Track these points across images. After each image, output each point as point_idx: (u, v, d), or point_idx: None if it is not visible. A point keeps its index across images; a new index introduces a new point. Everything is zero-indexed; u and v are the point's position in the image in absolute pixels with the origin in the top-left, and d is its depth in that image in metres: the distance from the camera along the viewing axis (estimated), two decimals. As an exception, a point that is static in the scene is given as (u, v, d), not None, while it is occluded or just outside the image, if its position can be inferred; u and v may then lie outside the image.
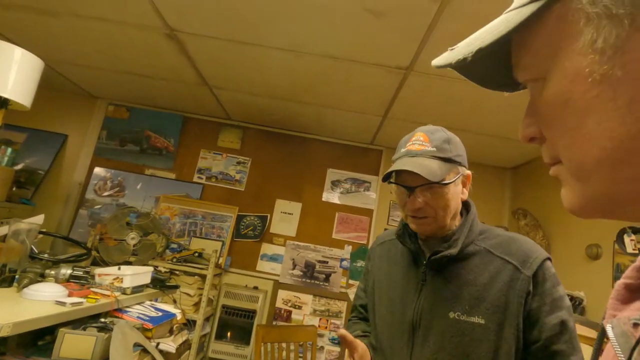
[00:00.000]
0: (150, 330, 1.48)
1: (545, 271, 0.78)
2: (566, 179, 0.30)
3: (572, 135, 0.27)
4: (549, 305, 0.75)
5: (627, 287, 0.31)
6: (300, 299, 2.86)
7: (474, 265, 0.81)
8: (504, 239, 0.83)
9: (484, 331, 0.76)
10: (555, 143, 0.29)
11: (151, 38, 1.97)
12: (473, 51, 0.29)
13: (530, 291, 0.75)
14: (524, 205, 2.62)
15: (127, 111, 3.12)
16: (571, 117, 0.26)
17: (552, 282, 0.77)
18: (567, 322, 0.74)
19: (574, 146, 0.27)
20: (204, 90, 2.60)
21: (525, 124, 0.32)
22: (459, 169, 0.82)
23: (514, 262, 0.78)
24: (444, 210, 0.81)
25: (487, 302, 0.77)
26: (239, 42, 1.87)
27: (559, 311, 0.75)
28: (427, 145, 0.81)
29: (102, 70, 2.54)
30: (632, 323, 0.28)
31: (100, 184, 2.97)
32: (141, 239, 2.14)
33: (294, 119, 2.86)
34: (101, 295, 1.44)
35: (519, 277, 0.77)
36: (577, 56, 0.25)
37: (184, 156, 3.07)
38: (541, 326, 0.74)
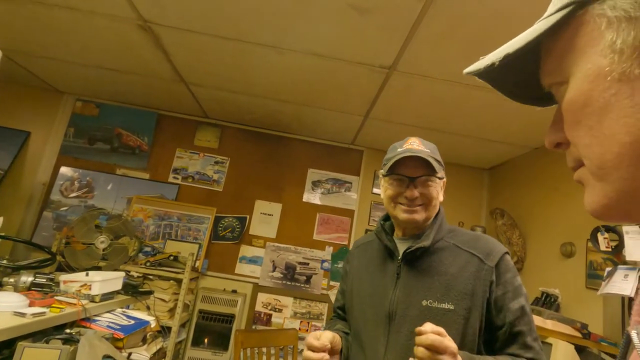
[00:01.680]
0: (121, 340, 1.38)
1: (506, 263, 0.91)
2: (588, 180, 0.30)
3: (592, 134, 0.27)
4: (511, 292, 0.87)
5: None
6: (280, 301, 2.80)
7: (444, 257, 0.92)
8: (470, 237, 0.96)
9: (453, 315, 0.86)
10: (577, 144, 0.30)
11: (123, 30, 1.86)
12: (501, 57, 0.31)
13: (494, 280, 0.87)
14: (501, 205, 2.68)
15: (97, 107, 2.95)
16: (591, 116, 0.27)
17: (512, 273, 0.90)
18: (525, 307, 0.87)
19: (594, 144, 0.28)
20: (180, 87, 2.49)
21: (551, 131, 0.34)
22: (443, 174, 0.98)
23: (478, 255, 0.90)
24: (435, 202, 0.95)
25: (455, 289, 0.87)
26: (218, 36, 1.80)
27: (519, 297, 0.87)
28: (423, 147, 0.95)
29: (69, 64, 2.39)
30: None
31: (66, 184, 2.80)
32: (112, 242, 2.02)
33: (274, 117, 2.80)
34: (67, 304, 1.33)
35: (484, 267, 0.88)
36: (597, 57, 0.27)
37: (158, 155, 2.95)
38: (506, 311, 0.86)
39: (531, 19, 0.33)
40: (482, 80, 0.38)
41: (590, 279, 1.87)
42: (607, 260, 1.73)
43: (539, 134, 2.30)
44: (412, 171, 0.92)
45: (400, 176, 0.93)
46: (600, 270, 1.78)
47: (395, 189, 0.94)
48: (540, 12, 0.32)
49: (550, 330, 1.59)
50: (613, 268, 1.55)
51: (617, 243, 1.59)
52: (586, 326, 1.64)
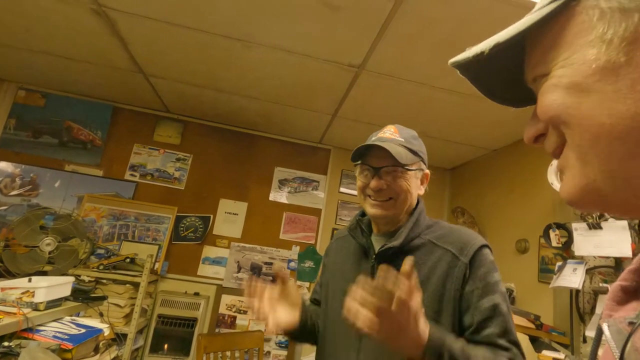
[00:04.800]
0: (69, 351, 1.27)
1: (481, 257, 0.81)
2: (567, 162, 0.30)
3: (574, 114, 0.28)
4: (481, 289, 0.78)
5: (623, 289, 0.33)
6: (245, 303, 2.72)
7: (418, 257, 0.84)
8: (447, 231, 0.88)
9: None
10: (559, 128, 0.30)
11: (74, 13, 1.71)
12: (491, 45, 0.32)
13: (467, 277, 0.79)
14: (462, 204, 2.79)
15: (43, 97, 2.70)
16: (573, 97, 0.28)
17: (487, 268, 0.80)
18: (499, 305, 0.76)
19: (574, 123, 0.28)
20: (139, 78, 2.34)
21: (531, 124, 0.34)
22: (420, 164, 0.90)
23: (452, 250, 0.82)
24: (404, 195, 0.87)
25: (427, 291, 0.79)
26: (181, 25, 1.70)
27: (492, 295, 0.77)
28: (396, 135, 0.89)
29: (11, 48, 2.16)
30: (627, 322, 0.29)
31: (6, 181, 2.54)
32: (59, 244, 1.85)
33: (240, 114, 2.72)
34: (5, 313, 1.20)
35: (457, 264, 0.80)
36: (585, 48, 0.27)
37: (113, 151, 2.75)
38: (474, 310, 0.77)
39: (495, 27, 0.34)
40: (463, 75, 0.37)
41: (542, 273, 1.99)
42: (558, 256, 1.85)
43: (497, 137, 2.41)
44: (377, 161, 0.86)
45: (367, 166, 0.88)
46: (552, 264, 1.90)
47: (362, 179, 0.90)
48: (503, 20, 0.34)
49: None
50: (563, 263, 1.66)
51: (567, 239, 1.71)
52: (539, 317, 1.75)
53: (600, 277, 1.58)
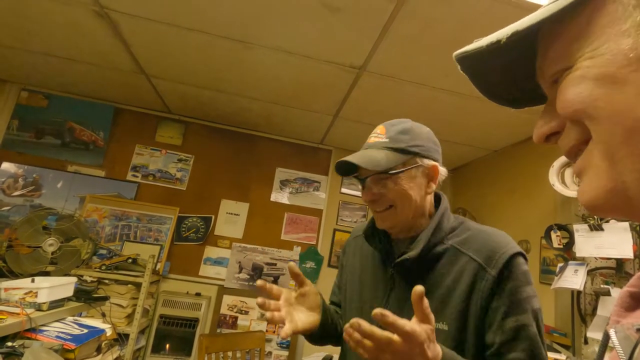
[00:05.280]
0: (72, 352, 1.28)
1: (513, 269, 0.70)
2: (591, 162, 0.28)
3: (603, 107, 0.26)
4: (507, 306, 0.68)
5: (632, 296, 0.32)
6: (246, 303, 2.73)
7: (441, 266, 0.76)
8: (473, 233, 0.77)
9: (447, 337, 0.70)
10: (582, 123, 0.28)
11: (77, 15, 1.72)
12: (509, 33, 0.29)
13: (494, 291, 0.69)
14: (462, 205, 2.78)
15: (46, 99, 2.72)
16: (603, 89, 0.26)
17: (518, 282, 0.69)
18: (527, 327, 0.67)
19: (603, 117, 0.26)
20: (141, 79, 2.35)
21: (544, 121, 0.32)
22: (416, 160, 0.78)
23: (478, 259, 0.72)
24: (402, 201, 0.77)
25: (450, 306, 0.72)
26: (183, 27, 1.71)
27: (520, 314, 0.67)
28: (382, 137, 0.80)
29: (13, 50, 2.17)
30: (635, 328, 0.28)
31: (9, 181, 2.55)
32: (62, 245, 1.86)
33: (241, 114, 2.72)
34: (8, 314, 1.21)
35: (484, 276, 0.71)
36: (620, 37, 0.25)
37: (115, 152, 2.77)
38: (496, 329, 0.68)
39: (495, 28, 0.32)
40: (464, 71, 0.35)
41: (543, 274, 1.99)
42: (559, 257, 1.85)
43: (498, 138, 2.41)
44: (362, 171, 0.80)
45: (356, 178, 0.82)
46: (553, 266, 1.90)
47: (361, 192, 0.83)
48: (503, 21, 0.34)
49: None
50: (564, 264, 1.65)
51: (568, 240, 1.71)
52: (540, 319, 1.74)
53: (601, 278, 1.58)
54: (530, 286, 0.71)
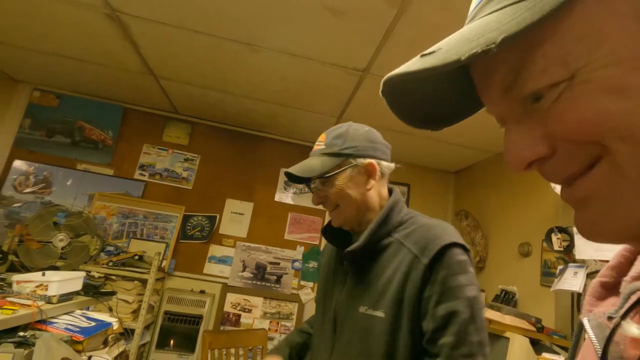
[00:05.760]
0: (81, 343, 1.32)
1: (444, 258, 0.73)
2: (609, 188, 0.24)
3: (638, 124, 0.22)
4: (439, 294, 0.71)
5: (603, 285, 0.33)
6: (250, 302, 2.77)
7: (385, 258, 0.80)
8: (417, 227, 0.81)
9: (383, 325, 0.75)
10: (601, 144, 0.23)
11: (88, 17, 1.77)
12: (497, 41, 0.22)
13: (426, 280, 0.73)
14: (465, 207, 2.80)
15: (57, 98, 2.78)
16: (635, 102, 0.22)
17: (450, 270, 0.72)
18: (458, 313, 0.69)
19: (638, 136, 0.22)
20: (149, 80, 2.41)
21: (523, 145, 0.27)
22: (350, 161, 0.85)
23: (415, 250, 0.76)
24: (343, 200, 0.85)
25: (388, 294, 0.76)
26: (191, 30, 1.76)
27: (451, 301, 0.70)
28: (321, 144, 0.88)
29: (27, 51, 2.24)
30: (606, 317, 0.29)
31: (20, 179, 2.62)
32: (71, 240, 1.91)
33: (247, 115, 2.77)
34: (20, 305, 1.25)
35: (417, 266, 0.74)
36: (637, 38, 0.21)
37: (123, 151, 2.82)
38: (430, 317, 0.72)
39: None
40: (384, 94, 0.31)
41: (544, 277, 2.00)
42: (560, 259, 1.86)
43: (500, 140, 2.41)
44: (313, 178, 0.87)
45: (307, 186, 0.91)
46: (554, 268, 1.91)
47: None
48: None
49: (508, 325, 1.69)
50: (564, 266, 1.67)
51: (569, 243, 1.72)
52: (540, 321, 1.75)
53: (601, 281, 1.59)
54: (465, 275, 0.72)
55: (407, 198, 3.12)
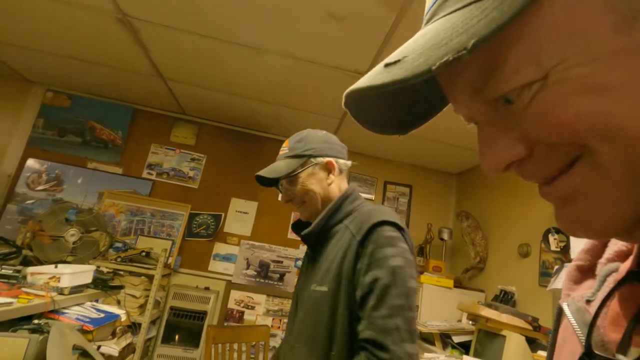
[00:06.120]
0: (90, 333, 1.39)
1: (375, 234, 0.82)
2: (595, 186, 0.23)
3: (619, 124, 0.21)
4: (367, 265, 0.80)
5: (579, 269, 0.34)
6: (253, 299, 2.82)
7: (334, 241, 0.91)
8: (361, 213, 0.92)
9: (326, 297, 0.84)
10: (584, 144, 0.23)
11: (101, 22, 1.85)
12: (468, 47, 0.20)
13: (359, 254, 0.82)
14: (467, 208, 2.83)
15: (69, 99, 2.88)
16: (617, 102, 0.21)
17: (378, 244, 0.80)
18: (380, 279, 0.76)
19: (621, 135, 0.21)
20: (158, 82, 2.48)
21: (500, 147, 0.26)
22: (311, 160, 0.98)
23: (353, 231, 0.86)
24: (308, 196, 0.97)
25: (331, 271, 0.86)
26: (198, 34, 1.82)
27: (376, 269, 0.78)
28: (285, 149, 1.02)
29: (41, 53, 2.33)
30: (585, 300, 0.30)
31: (33, 176, 2.71)
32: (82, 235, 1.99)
33: (252, 116, 2.83)
34: (34, 295, 1.32)
35: (353, 243, 0.84)
36: (612, 35, 0.20)
37: (132, 150, 2.90)
38: (359, 286, 0.80)
39: None
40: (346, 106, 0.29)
41: (542, 277, 2.03)
42: (557, 260, 1.89)
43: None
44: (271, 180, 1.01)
45: (276, 187, 1.05)
46: (551, 268, 1.94)
47: None
48: None
49: (504, 323, 1.72)
50: (560, 266, 1.69)
51: (565, 243, 1.75)
52: (537, 320, 1.78)
53: (597, 281, 1.61)
54: (393, 248, 0.80)
55: (409, 199, 3.16)
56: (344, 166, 1.03)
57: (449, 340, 2.07)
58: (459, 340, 2.05)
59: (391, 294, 0.76)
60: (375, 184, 3.15)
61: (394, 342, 0.72)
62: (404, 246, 0.82)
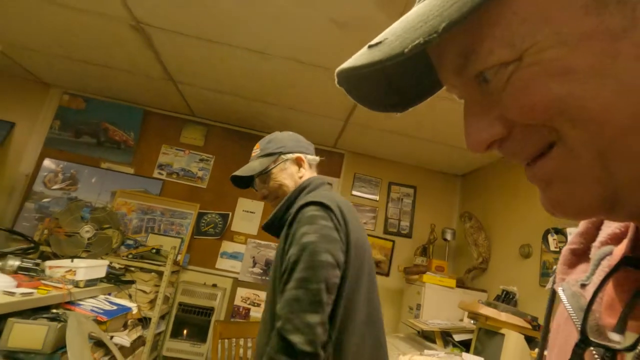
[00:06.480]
0: (104, 323, 1.46)
1: (299, 215, 0.88)
2: (573, 167, 0.24)
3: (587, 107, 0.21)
4: (289, 245, 0.85)
5: (573, 252, 0.34)
6: (259, 296, 2.89)
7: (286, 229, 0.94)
8: None
9: (270, 282, 0.92)
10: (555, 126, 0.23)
11: (115, 28, 1.94)
12: (439, 30, 0.21)
13: (289, 236, 0.88)
14: (471, 209, 2.85)
15: (84, 101, 2.99)
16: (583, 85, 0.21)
17: (300, 224, 0.86)
18: (292, 255, 0.82)
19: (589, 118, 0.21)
20: (169, 85, 2.57)
21: (481, 126, 0.26)
22: (281, 157, 1.08)
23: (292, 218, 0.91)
24: (281, 190, 1.06)
25: (276, 259, 0.93)
26: (207, 40, 1.90)
27: (292, 248, 0.84)
28: (257, 150, 1.13)
29: (58, 58, 2.44)
30: (579, 284, 0.30)
31: (50, 176, 2.82)
32: (96, 232, 2.08)
33: (259, 118, 2.91)
34: (53, 287, 1.40)
35: (287, 228, 0.90)
36: (583, 18, 0.21)
37: (144, 151, 3.00)
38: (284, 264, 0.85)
39: None
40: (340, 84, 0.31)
41: (543, 278, 2.05)
42: (557, 260, 1.91)
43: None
44: (247, 179, 1.10)
45: (252, 187, 1.13)
46: (551, 269, 1.96)
47: None
48: None
49: (503, 322, 1.75)
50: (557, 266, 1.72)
51: (564, 244, 1.77)
52: (536, 319, 1.81)
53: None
54: (309, 225, 0.84)
55: (413, 200, 3.19)
56: (313, 161, 1.13)
57: (450, 338, 2.10)
58: (460, 338, 2.08)
59: (297, 268, 0.81)
60: (380, 185, 3.19)
61: (292, 311, 0.76)
62: (325, 223, 0.85)
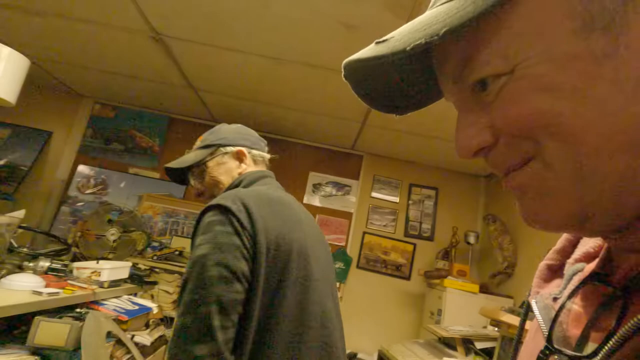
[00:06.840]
0: (125, 323, 1.53)
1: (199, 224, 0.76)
2: (545, 181, 0.25)
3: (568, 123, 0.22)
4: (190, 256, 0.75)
5: (549, 268, 0.36)
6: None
7: None
8: None
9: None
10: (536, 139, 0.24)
11: (137, 40, 2.03)
12: (440, 34, 0.23)
13: None
14: (495, 211, 2.74)
15: (113, 110, 3.15)
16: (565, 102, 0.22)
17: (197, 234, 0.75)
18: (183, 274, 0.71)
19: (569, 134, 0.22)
20: (190, 92, 2.66)
21: (471, 133, 0.27)
22: (220, 149, 0.98)
23: None
24: (217, 188, 0.96)
25: None
26: (224, 48, 1.95)
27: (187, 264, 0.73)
28: (198, 142, 1.03)
29: (89, 70, 2.59)
30: (552, 298, 0.32)
31: (83, 181, 3.00)
32: (121, 234, 2.18)
33: (277, 123, 2.94)
34: (78, 287, 1.48)
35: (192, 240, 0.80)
36: (572, 39, 0.22)
37: (168, 156, 3.12)
38: None
39: None
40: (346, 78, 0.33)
41: (572, 284, 1.93)
42: (587, 266, 1.79)
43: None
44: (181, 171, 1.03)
45: None
46: (581, 275, 1.84)
47: None
48: None
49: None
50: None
51: (594, 249, 1.66)
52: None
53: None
54: (204, 235, 0.72)
55: (435, 202, 3.11)
56: (259, 157, 1.02)
57: (472, 346, 2.03)
58: (482, 346, 2.01)
59: (186, 289, 0.70)
60: (400, 187, 3.14)
61: (176, 344, 0.66)
62: (220, 229, 0.72)
